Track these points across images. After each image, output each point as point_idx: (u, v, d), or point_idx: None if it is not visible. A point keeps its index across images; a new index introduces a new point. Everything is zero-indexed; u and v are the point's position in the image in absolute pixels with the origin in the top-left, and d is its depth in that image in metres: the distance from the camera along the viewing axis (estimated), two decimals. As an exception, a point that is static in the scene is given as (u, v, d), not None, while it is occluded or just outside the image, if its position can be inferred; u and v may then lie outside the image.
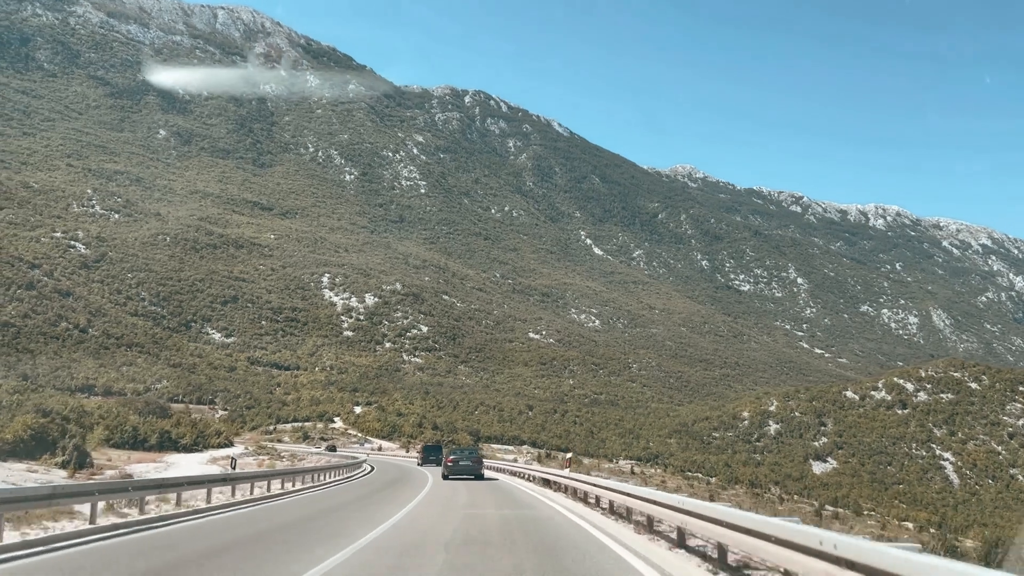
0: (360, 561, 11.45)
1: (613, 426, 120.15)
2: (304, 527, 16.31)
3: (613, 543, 14.51)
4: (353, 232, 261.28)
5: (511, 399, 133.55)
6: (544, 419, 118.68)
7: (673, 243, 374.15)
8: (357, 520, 18.05)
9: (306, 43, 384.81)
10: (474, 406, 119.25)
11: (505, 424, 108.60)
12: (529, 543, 14.27)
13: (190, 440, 42.70)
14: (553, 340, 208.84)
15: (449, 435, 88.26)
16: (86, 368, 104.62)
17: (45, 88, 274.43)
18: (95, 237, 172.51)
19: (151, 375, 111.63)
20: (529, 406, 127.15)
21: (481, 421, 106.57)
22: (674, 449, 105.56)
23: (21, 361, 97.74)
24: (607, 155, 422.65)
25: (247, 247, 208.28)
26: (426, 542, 13.71)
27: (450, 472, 34.71)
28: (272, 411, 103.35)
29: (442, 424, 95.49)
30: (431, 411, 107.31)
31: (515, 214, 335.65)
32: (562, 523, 18.37)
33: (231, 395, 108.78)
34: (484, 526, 16.84)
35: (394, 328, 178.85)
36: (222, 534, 15.61)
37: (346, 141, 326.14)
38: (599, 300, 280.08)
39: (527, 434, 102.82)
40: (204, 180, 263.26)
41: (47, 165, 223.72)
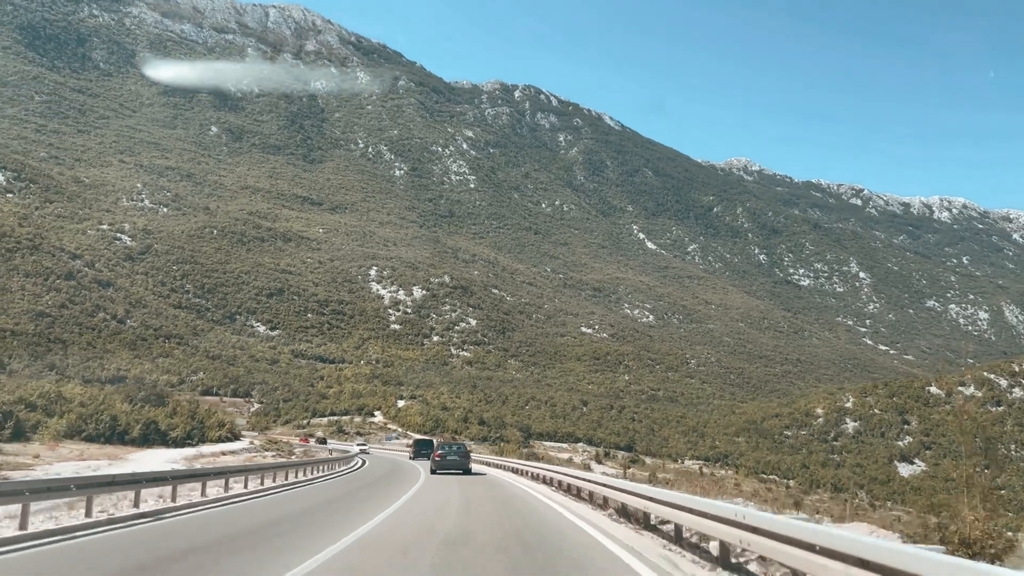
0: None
1: (675, 423, 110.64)
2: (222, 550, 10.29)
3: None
4: (402, 227, 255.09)
5: (563, 394, 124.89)
6: (600, 415, 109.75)
7: (729, 237, 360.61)
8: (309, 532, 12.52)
9: (356, 40, 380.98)
10: (524, 401, 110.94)
11: (558, 420, 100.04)
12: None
13: (182, 433, 35.27)
14: (606, 335, 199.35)
15: (497, 431, 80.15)
16: (120, 359, 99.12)
17: (100, 87, 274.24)
18: (141, 230, 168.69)
19: (187, 367, 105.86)
20: (583, 401, 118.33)
21: (532, 416, 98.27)
22: (743, 448, 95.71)
23: (51, 351, 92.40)
24: (660, 148, 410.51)
25: (295, 240, 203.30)
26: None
27: (438, 467, 33.21)
28: (309, 405, 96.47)
29: (490, 419, 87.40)
30: (478, 405, 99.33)
31: (566, 208, 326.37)
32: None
33: (268, 388, 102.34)
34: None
35: (442, 321, 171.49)
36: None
37: (396, 136, 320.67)
38: (653, 295, 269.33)
39: (582, 431, 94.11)
40: (255, 176, 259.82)
41: (100, 161, 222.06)
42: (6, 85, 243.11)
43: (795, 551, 6.89)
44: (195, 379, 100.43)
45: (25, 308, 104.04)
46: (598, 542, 12.25)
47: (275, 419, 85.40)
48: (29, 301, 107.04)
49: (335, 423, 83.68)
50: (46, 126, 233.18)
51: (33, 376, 68.85)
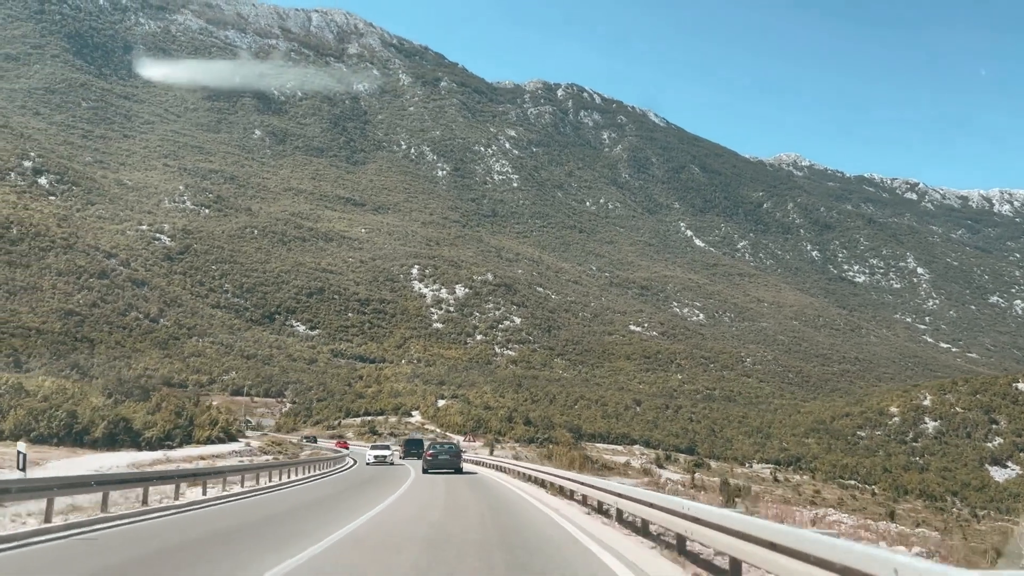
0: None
1: (737, 424, 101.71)
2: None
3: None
4: (445, 226, 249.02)
5: (614, 393, 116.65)
6: (655, 415, 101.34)
7: (780, 233, 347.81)
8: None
9: (398, 43, 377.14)
10: (573, 400, 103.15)
11: (610, 420, 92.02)
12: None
13: (160, 433, 28.57)
14: (656, 333, 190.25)
15: (545, 431, 72.55)
16: (148, 358, 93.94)
17: (146, 93, 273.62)
18: (180, 230, 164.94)
19: (219, 366, 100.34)
20: (636, 401, 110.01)
21: (582, 416, 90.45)
22: (815, 450, 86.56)
23: (76, 350, 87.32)
24: (706, 144, 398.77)
25: (336, 240, 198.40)
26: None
27: (429, 466, 32.96)
28: (343, 404, 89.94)
29: (536, 419, 79.85)
30: (523, 404, 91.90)
31: (611, 206, 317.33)
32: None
33: (303, 387, 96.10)
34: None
35: (485, 320, 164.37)
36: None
37: (438, 137, 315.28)
38: (702, 293, 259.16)
39: (637, 432, 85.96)
40: (298, 178, 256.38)
41: (144, 165, 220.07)
42: (54, 92, 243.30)
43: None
44: (226, 379, 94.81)
45: (54, 307, 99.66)
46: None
47: (305, 419, 79.23)
48: (59, 300, 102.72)
49: (368, 423, 76.92)
50: (92, 131, 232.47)
51: (50, 375, 63.18)
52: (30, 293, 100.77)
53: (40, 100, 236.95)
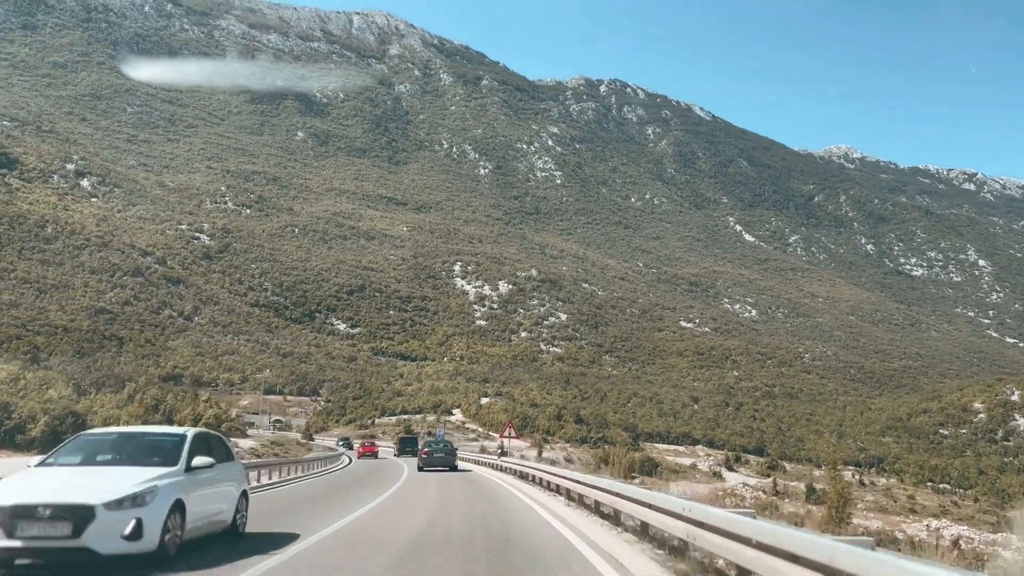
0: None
1: (804, 422, 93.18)
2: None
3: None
4: (487, 224, 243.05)
5: (669, 391, 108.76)
6: (715, 413, 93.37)
7: (833, 227, 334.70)
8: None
9: (439, 43, 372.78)
10: (626, 398, 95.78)
11: (667, 419, 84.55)
12: None
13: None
14: (708, 329, 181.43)
15: (598, 430, 65.49)
16: (179, 357, 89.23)
17: (190, 97, 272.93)
18: (220, 229, 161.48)
19: (253, 364, 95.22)
20: (694, 398, 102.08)
21: (637, 415, 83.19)
22: (896, 450, 77.91)
23: (103, 348, 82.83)
24: (754, 138, 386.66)
25: (378, 238, 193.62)
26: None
27: (425, 464, 32.12)
28: (380, 403, 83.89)
29: (588, 416, 72.82)
30: (572, 402, 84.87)
31: (656, 202, 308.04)
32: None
33: (339, 385, 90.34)
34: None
35: (530, 316, 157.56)
36: None
37: (480, 136, 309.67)
38: (754, 288, 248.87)
39: (699, 431, 78.27)
40: (340, 178, 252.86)
41: (187, 168, 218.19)
42: (100, 98, 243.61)
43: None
44: (259, 377, 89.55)
45: (84, 305, 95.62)
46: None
47: (338, 418, 73.49)
48: (91, 298, 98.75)
49: (403, 422, 70.76)
50: (137, 136, 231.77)
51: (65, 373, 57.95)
52: (61, 291, 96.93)
53: (87, 106, 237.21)
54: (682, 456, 59.84)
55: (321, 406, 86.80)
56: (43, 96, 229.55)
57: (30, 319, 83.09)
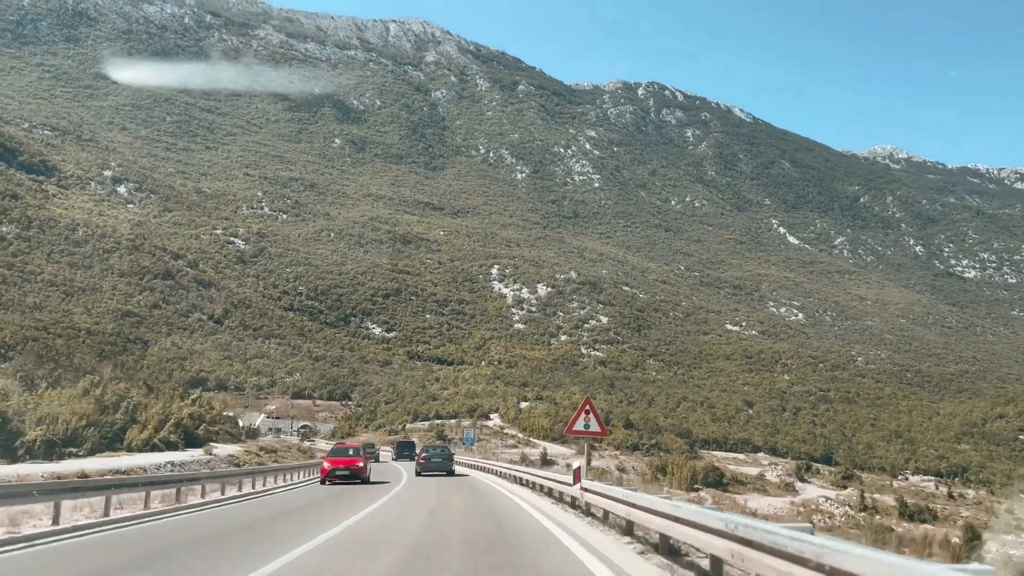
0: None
1: (868, 427, 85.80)
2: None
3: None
4: (525, 228, 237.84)
5: (721, 395, 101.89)
6: (772, 419, 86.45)
7: (880, 228, 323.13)
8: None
9: (475, 49, 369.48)
10: (675, 402, 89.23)
11: (721, 424, 78.07)
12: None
13: (59, 434, 17.58)
14: (755, 332, 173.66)
15: (651, 436, 59.41)
16: (206, 360, 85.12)
17: (228, 106, 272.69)
18: (255, 233, 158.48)
19: (283, 368, 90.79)
20: (747, 402, 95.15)
21: (690, 419, 76.73)
22: (976, 458, 70.40)
23: (126, 351, 78.97)
24: (796, 139, 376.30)
25: (415, 242, 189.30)
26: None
27: (422, 469, 31.76)
28: (413, 407, 78.65)
29: (638, 421, 66.72)
30: (619, 406, 78.77)
31: (697, 204, 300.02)
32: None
33: (371, 389, 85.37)
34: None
35: (570, 319, 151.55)
36: None
37: (517, 140, 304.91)
38: (800, 291, 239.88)
39: (759, 437, 71.62)
40: (377, 184, 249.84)
41: (225, 175, 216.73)
42: (140, 108, 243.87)
43: None
44: (288, 381, 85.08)
45: (111, 308, 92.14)
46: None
47: (368, 423, 68.49)
48: (118, 300, 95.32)
49: (436, 427, 65.34)
50: (176, 144, 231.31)
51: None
52: (88, 294, 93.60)
53: (127, 116, 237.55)
54: (744, 465, 53.51)
55: (351, 411, 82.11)
56: (84, 107, 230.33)
57: (52, 321, 79.52)
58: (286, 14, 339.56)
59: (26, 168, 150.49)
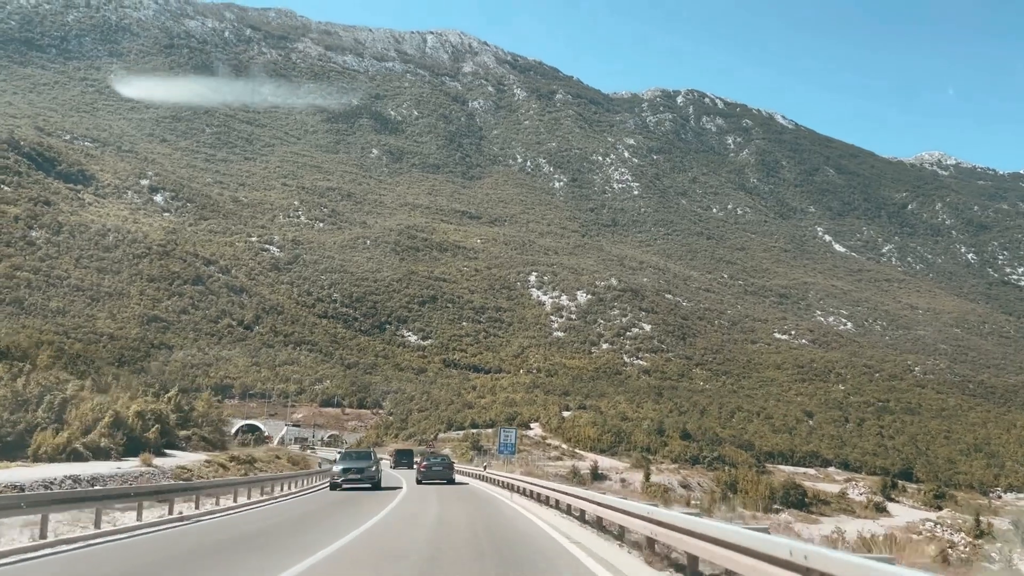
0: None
1: (941, 440, 78.19)
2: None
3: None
4: (563, 236, 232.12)
5: (778, 405, 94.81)
6: (836, 430, 79.27)
7: (929, 236, 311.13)
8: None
9: (512, 59, 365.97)
10: (729, 412, 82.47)
11: (781, 435, 71.22)
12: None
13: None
14: (805, 341, 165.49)
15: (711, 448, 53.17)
16: (232, 367, 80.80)
17: (267, 118, 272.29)
18: (290, 240, 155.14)
19: (312, 374, 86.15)
20: (807, 413, 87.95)
21: (748, 430, 70.07)
22: (1074, 474, 62.82)
23: (148, 357, 74.97)
24: (840, 145, 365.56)
25: (451, 250, 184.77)
26: None
27: (423, 477, 31.58)
28: (447, 415, 73.21)
29: (695, 431, 60.43)
30: (670, 416, 72.47)
31: (739, 212, 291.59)
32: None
33: (403, 397, 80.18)
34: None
35: (611, 327, 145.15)
36: None
37: (554, 149, 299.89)
38: (849, 300, 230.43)
39: (826, 450, 64.72)
40: (414, 193, 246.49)
41: (263, 185, 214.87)
42: (180, 120, 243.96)
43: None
44: (318, 388, 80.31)
45: (138, 313, 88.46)
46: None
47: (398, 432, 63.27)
48: (145, 306, 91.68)
49: (471, 437, 59.66)
50: (215, 155, 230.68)
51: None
52: (115, 299, 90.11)
53: (167, 128, 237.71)
54: (817, 481, 47.06)
55: (382, 419, 77.08)
56: (125, 119, 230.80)
57: (74, 326, 75.79)
58: (325, 27, 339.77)
59: (64, 177, 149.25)
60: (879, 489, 44.20)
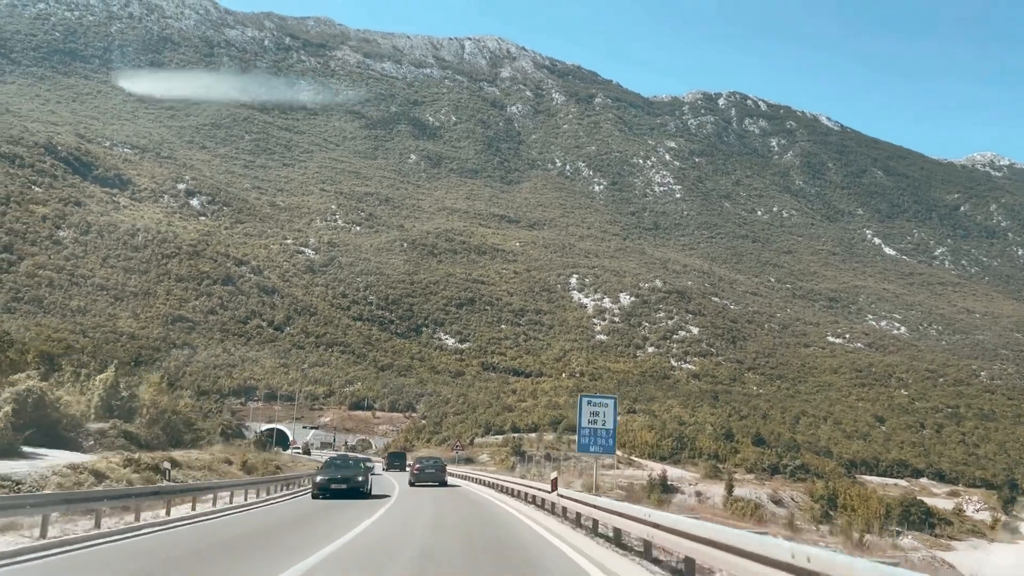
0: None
1: (1034, 448, 69.88)
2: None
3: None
4: (604, 240, 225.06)
5: (844, 410, 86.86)
6: (913, 436, 71.26)
7: (984, 238, 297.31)
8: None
9: (551, 64, 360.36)
10: (793, 416, 74.95)
11: (855, 441, 63.63)
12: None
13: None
14: (861, 345, 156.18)
15: (788, 454, 46.19)
16: (258, 368, 75.69)
17: (306, 124, 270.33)
18: (326, 243, 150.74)
19: (343, 376, 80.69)
20: (877, 418, 79.97)
21: (821, 435, 62.70)
22: None
23: (168, 357, 70.12)
24: (887, 147, 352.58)
25: (490, 253, 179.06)
26: None
27: (416, 479, 32.16)
28: (485, 419, 66.98)
29: (769, 436, 53.45)
30: (730, 420, 65.42)
31: (785, 215, 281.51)
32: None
33: (438, 400, 74.23)
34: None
35: (656, 330, 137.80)
36: None
37: (594, 153, 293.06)
38: (901, 304, 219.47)
39: (915, 458, 57.14)
40: (452, 198, 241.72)
41: (302, 191, 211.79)
42: (220, 127, 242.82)
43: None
44: (347, 391, 74.73)
45: (163, 312, 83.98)
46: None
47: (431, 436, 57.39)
48: (171, 305, 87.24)
49: (513, 441, 53.11)
50: (254, 161, 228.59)
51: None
52: (139, 299, 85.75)
53: (207, 135, 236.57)
54: (921, 494, 39.99)
55: (414, 422, 71.28)
56: (166, 127, 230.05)
57: (93, 325, 71.30)
58: (363, 35, 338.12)
59: (100, 181, 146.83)
60: (1000, 505, 36.99)
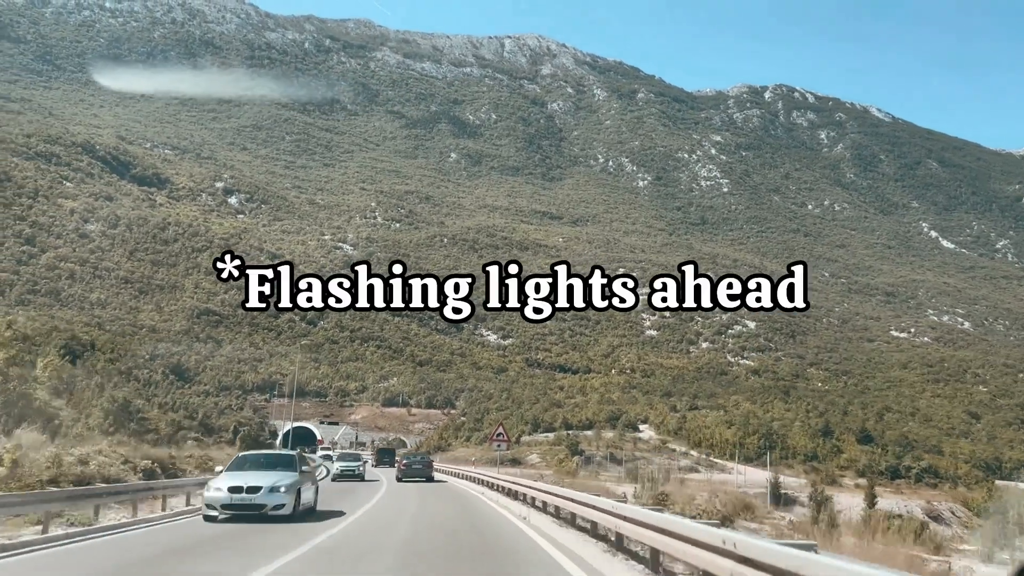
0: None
1: None
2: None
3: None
4: (649, 235, 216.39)
5: (933, 406, 78.09)
6: (1021, 434, 62.51)
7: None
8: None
9: (592, 60, 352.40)
10: (877, 412, 66.51)
11: (954, 439, 55.26)
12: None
13: None
14: (928, 339, 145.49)
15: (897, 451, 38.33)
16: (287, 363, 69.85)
17: (347, 125, 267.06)
18: (364, 239, 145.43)
19: (378, 371, 74.43)
20: (971, 414, 71.06)
21: (910, 430, 54.56)
22: None
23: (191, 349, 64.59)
24: (942, 138, 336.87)
25: (532, 248, 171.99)
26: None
27: (403, 475, 33.87)
28: (531, 415, 59.92)
29: (875, 433, 45.73)
30: (809, 416, 57.59)
31: (837, 208, 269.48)
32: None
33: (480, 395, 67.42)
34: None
35: (710, 325, 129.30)
36: None
37: (637, 148, 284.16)
38: (964, 298, 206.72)
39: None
40: (493, 195, 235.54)
41: (342, 190, 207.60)
42: (260, 128, 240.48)
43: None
44: (382, 387, 68.49)
45: (189, 306, 78.77)
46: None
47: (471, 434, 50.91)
48: (199, 299, 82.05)
49: (567, 439, 45.93)
50: (294, 162, 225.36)
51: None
52: (165, 293, 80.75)
53: (248, 136, 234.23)
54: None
55: (452, 420, 64.70)
56: (207, 129, 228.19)
57: (112, 318, 66.08)
58: (403, 36, 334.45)
59: (138, 180, 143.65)
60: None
